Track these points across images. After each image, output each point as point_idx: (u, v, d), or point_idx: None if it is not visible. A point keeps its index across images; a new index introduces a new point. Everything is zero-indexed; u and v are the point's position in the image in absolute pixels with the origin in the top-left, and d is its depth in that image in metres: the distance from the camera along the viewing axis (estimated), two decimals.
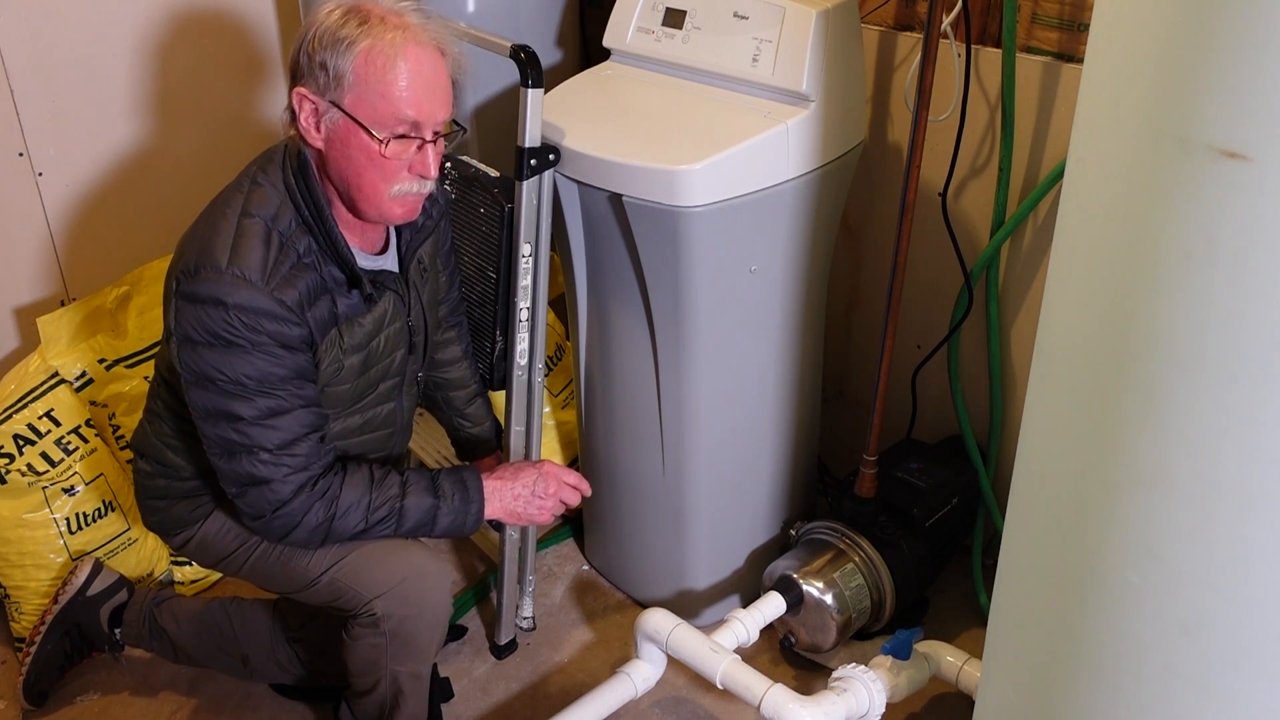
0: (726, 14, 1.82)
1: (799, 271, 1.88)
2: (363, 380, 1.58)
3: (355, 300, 1.51)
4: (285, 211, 1.45)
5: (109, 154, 2.16)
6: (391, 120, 1.41)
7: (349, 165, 1.43)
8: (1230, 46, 0.82)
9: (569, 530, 2.38)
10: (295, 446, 1.45)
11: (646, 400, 1.94)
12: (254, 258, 1.40)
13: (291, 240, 1.44)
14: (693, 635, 1.74)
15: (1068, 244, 1.06)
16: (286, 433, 1.44)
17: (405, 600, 1.60)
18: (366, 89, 1.39)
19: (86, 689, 2.01)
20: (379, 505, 1.52)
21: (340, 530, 1.51)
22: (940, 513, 2.02)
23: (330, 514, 1.49)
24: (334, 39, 1.38)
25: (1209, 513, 0.94)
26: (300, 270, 1.43)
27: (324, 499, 1.48)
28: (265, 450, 1.44)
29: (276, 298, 1.40)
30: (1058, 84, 1.82)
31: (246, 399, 1.41)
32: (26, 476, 1.97)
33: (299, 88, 1.41)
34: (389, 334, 1.58)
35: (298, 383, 1.44)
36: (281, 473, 1.44)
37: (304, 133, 1.44)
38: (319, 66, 1.39)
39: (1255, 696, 0.98)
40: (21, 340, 2.18)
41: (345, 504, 1.49)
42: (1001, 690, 1.30)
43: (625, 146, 1.75)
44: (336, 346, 1.50)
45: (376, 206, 1.47)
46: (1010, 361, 2.05)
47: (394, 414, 1.67)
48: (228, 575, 1.70)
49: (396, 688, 1.68)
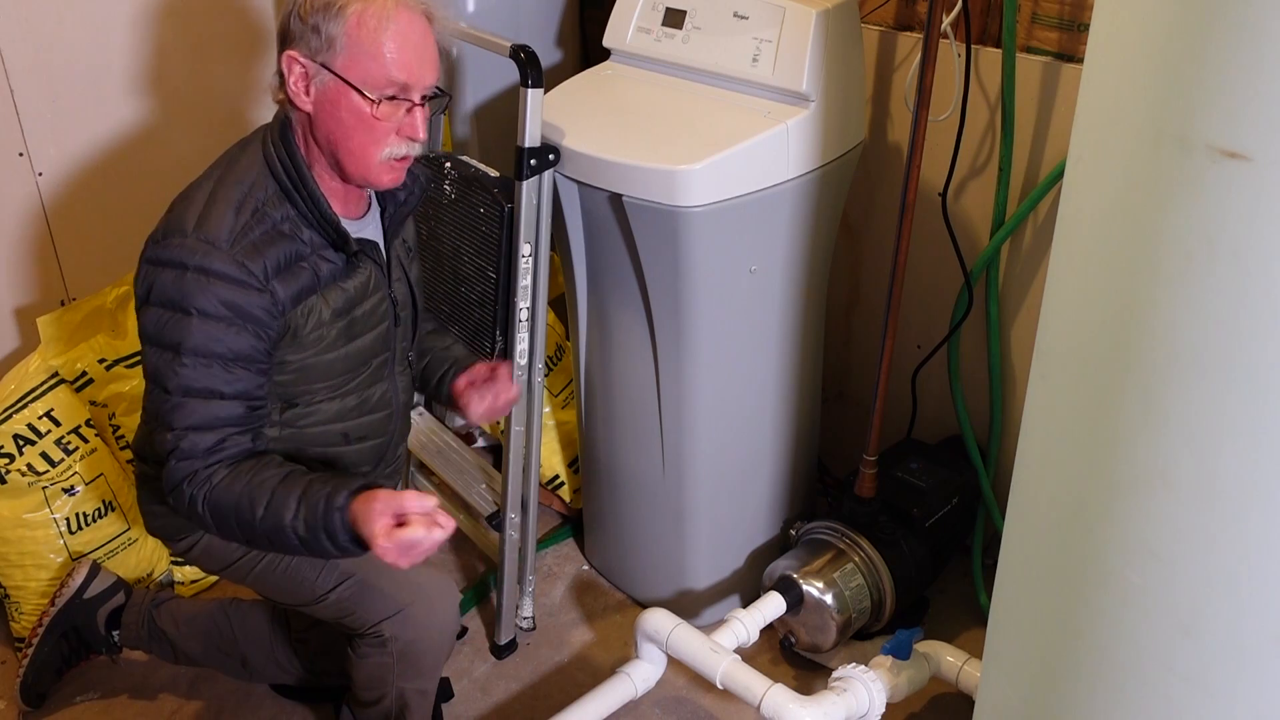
0: (726, 14, 1.82)
1: (799, 271, 1.88)
2: (351, 351, 1.56)
3: (337, 263, 1.51)
4: (263, 180, 1.46)
5: (110, 154, 2.15)
6: (383, 82, 1.42)
7: (338, 127, 1.45)
8: (1230, 46, 0.82)
9: (569, 530, 2.38)
10: (197, 436, 1.42)
11: (646, 400, 1.94)
12: (221, 223, 1.41)
13: (267, 207, 1.45)
14: (693, 635, 1.74)
15: (1068, 244, 1.06)
16: (193, 419, 1.42)
17: (413, 623, 1.60)
18: (359, 51, 1.41)
19: (86, 689, 2.01)
20: (245, 509, 1.43)
21: (226, 532, 1.46)
22: (940, 513, 2.02)
23: (211, 514, 1.44)
24: (325, 3, 1.40)
25: (1209, 513, 0.94)
26: (274, 238, 1.44)
27: (201, 493, 1.43)
28: (169, 429, 1.42)
29: (239, 261, 1.40)
30: (1058, 84, 1.82)
31: (173, 369, 1.40)
32: (26, 476, 1.97)
33: (289, 50, 1.43)
34: (372, 303, 1.57)
35: (231, 367, 1.42)
36: (178, 455, 1.42)
37: (292, 95, 1.45)
38: (311, 30, 1.41)
39: (1255, 696, 0.98)
40: (21, 340, 2.17)
41: (223, 510, 1.43)
42: (1001, 690, 1.30)
43: (625, 146, 1.75)
44: (318, 311, 1.50)
45: (364, 169, 1.48)
46: (1010, 361, 2.05)
47: (389, 395, 1.67)
48: (234, 582, 1.69)
49: (402, 702, 1.68)
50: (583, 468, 2.22)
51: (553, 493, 2.38)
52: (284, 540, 1.41)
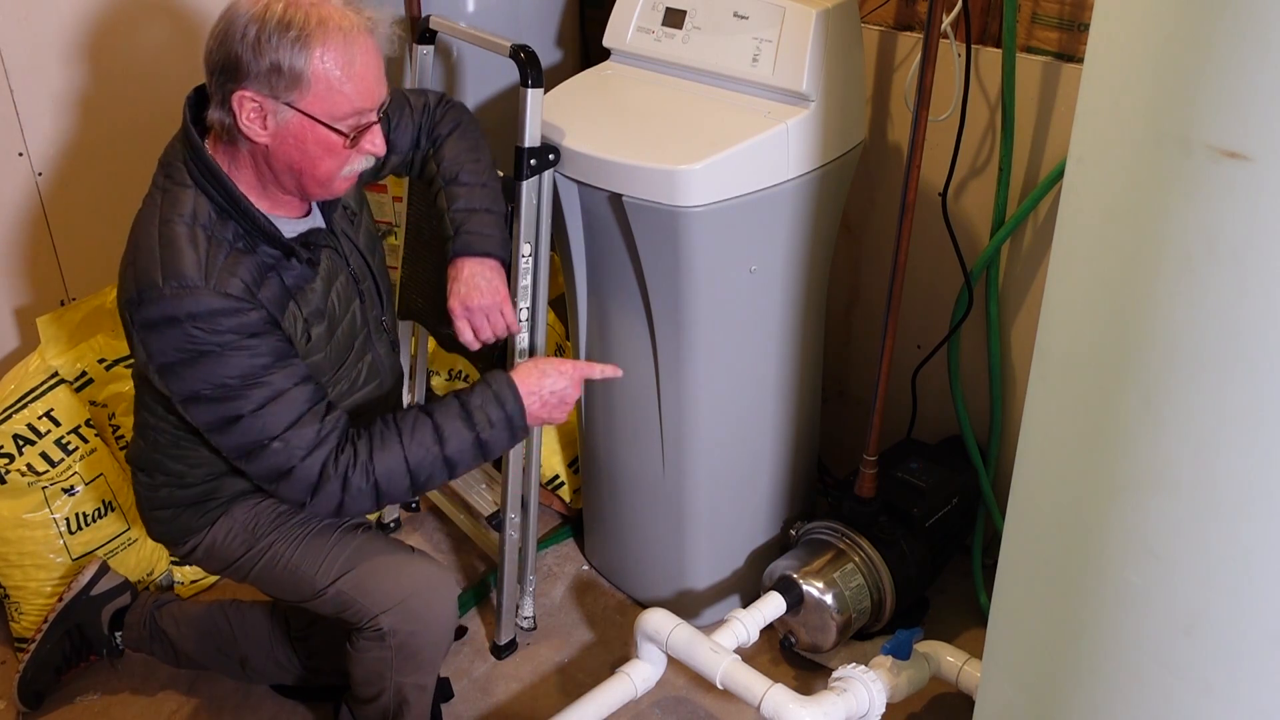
0: (726, 14, 1.82)
1: (799, 271, 1.88)
2: (334, 345, 1.58)
3: (299, 268, 1.51)
4: (201, 205, 1.44)
5: (110, 154, 2.15)
6: (349, 114, 1.44)
7: (303, 158, 1.45)
8: (1230, 47, 0.82)
9: (569, 530, 2.38)
10: (301, 427, 1.44)
11: (646, 400, 1.94)
12: (186, 262, 1.40)
13: (216, 230, 1.44)
14: (693, 635, 1.74)
15: (1068, 244, 1.06)
16: (287, 415, 1.43)
17: (412, 616, 1.60)
18: (325, 89, 1.40)
19: (86, 689, 2.01)
20: (421, 463, 1.48)
21: (392, 493, 1.49)
22: (940, 513, 2.02)
23: (372, 481, 1.46)
24: (283, 40, 1.37)
25: (1209, 513, 0.94)
26: (238, 256, 1.44)
27: (358, 468, 1.46)
28: (273, 439, 1.43)
29: (221, 292, 1.40)
30: (1058, 84, 1.82)
31: (238, 398, 1.41)
32: (26, 476, 1.97)
33: (241, 90, 1.39)
34: (338, 290, 1.58)
35: (281, 364, 1.44)
36: (298, 455, 1.44)
37: (245, 130, 1.42)
38: (271, 70, 1.38)
39: (1255, 696, 0.98)
40: (21, 340, 2.18)
41: (384, 469, 1.46)
42: (1001, 690, 1.30)
43: (625, 146, 1.75)
44: (299, 319, 1.50)
45: (327, 187, 1.49)
46: (1010, 361, 2.05)
47: (375, 365, 1.68)
48: (236, 581, 1.69)
49: (401, 698, 1.68)
50: (583, 468, 2.22)
51: (553, 493, 2.38)
52: (472, 455, 1.51)
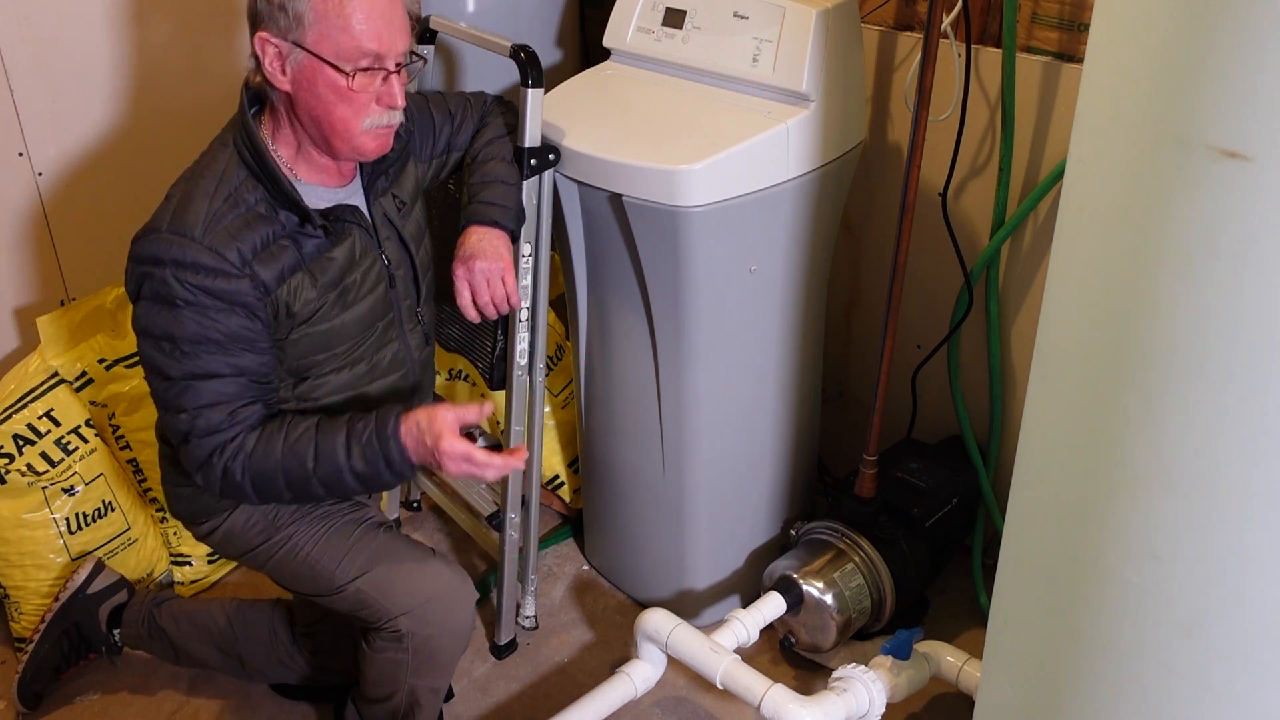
0: (726, 14, 1.82)
1: (799, 271, 1.88)
2: (348, 319, 1.57)
3: (320, 238, 1.52)
4: (234, 166, 1.48)
5: (110, 154, 2.15)
6: (355, 54, 1.44)
7: (319, 103, 1.46)
8: (1230, 46, 0.82)
9: (569, 530, 2.38)
10: (211, 411, 1.46)
11: (646, 400, 1.94)
12: (192, 214, 1.43)
13: (241, 192, 1.47)
14: (693, 635, 1.74)
15: (1068, 244, 1.06)
16: (205, 396, 1.45)
17: (430, 620, 1.60)
18: (327, 25, 1.41)
19: (86, 689, 2.01)
20: (291, 474, 1.48)
21: (269, 494, 1.50)
22: (940, 513, 2.02)
23: (248, 478, 1.47)
24: None
25: (1209, 513, 0.94)
26: (251, 221, 1.45)
27: (238, 461, 1.47)
28: (182, 411, 1.46)
29: (211, 249, 1.42)
30: (1058, 84, 1.82)
31: (171, 358, 1.44)
32: (26, 476, 1.97)
33: (260, 32, 1.44)
34: (363, 269, 1.58)
35: (226, 349, 1.45)
36: (198, 433, 1.46)
37: (270, 77, 1.46)
38: (278, 9, 1.42)
39: (1255, 696, 0.98)
40: (21, 340, 2.17)
41: (257, 471, 1.47)
42: (1001, 690, 1.30)
43: (625, 146, 1.75)
44: (305, 287, 1.51)
45: (349, 142, 1.50)
46: (1010, 361, 2.05)
47: (401, 355, 1.67)
48: (252, 568, 1.69)
49: (414, 700, 1.67)
50: (583, 468, 2.22)
51: (553, 493, 2.38)
52: (341, 482, 1.47)
